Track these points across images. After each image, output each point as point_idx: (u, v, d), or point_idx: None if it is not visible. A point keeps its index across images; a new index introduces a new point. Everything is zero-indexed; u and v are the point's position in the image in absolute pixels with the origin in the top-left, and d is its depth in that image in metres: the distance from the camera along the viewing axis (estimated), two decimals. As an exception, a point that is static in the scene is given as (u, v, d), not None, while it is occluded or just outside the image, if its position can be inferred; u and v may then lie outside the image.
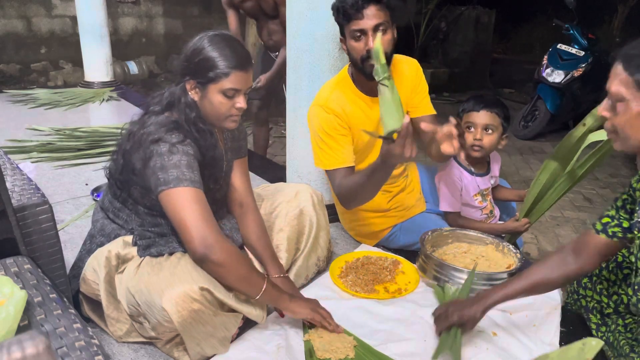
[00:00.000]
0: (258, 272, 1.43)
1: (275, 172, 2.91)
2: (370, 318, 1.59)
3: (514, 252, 1.78)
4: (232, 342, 1.44)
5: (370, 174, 1.58)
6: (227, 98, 1.38)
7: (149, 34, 6.65)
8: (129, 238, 1.47)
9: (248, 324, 1.49)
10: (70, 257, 1.64)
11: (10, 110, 4.31)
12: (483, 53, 7.28)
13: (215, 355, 1.39)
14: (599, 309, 1.47)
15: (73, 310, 1.04)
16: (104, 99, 4.78)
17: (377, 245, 2.08)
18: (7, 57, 5.55)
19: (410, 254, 1.97)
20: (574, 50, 4.69)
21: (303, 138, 1.96)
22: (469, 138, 1.85)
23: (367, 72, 1.73)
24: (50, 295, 1.06)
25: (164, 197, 1.30)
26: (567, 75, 4.58)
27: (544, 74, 4.67)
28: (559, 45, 4.80)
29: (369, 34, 1.67)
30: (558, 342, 1.47)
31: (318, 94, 1.87)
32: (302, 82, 2.16)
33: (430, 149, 1.81)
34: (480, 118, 1.84)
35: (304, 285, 1.78)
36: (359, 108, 1.84)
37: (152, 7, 6.59)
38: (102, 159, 3.09)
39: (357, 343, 1.46)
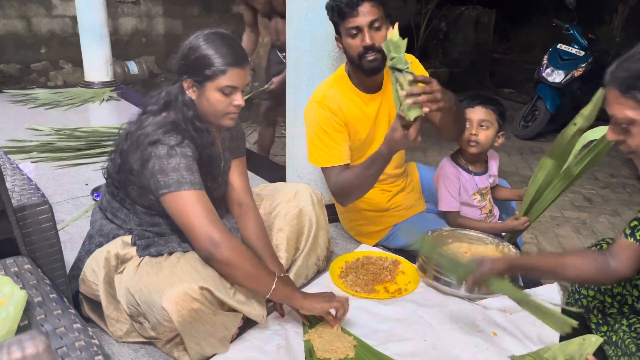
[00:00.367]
0: (267, 269, 1.44)
1: (275, 172, 2.91)
2: (370, 318, 1.59)
3: (514, 252, 1.78)
4: (232, 342, 1.44)
5: (370, 165, 1.60)
6: (224, 95, 1.39)
7: (149, 34, 6.65)
8: (128, 238, 1.47)
9: (248, 324, 1.49)
10: (70, 257, 1.64)
11: (10, 110, 4.31)
12: (483, 53, 7.28)
13: (215, 355, 1.39)
14: (601, 309, 1.47)
15: (73, 310, 1.04)
16: (104, 99, 4.78)
17: (377, 245, 2.08)
18: (7, 57, 5.55)
19: (410, 254, 1.97)
20: (574, 50, 4.70)
21: (303, 138, 1.96)
22: (465, 134, 1.86)
23: (364, 68, 1.74)
24: (50, 295, 1.06)
25: (167, 200, 1.32)
26: (567, 75, 4.58)
27: (544, 74, 4.67)
28: (559, 45, 4.80)
29: (365, 31, 1.68)
30: (558, 342, 1.46)
31: (315, 92, 1.88)
32: (302, 82, 2.16)
33: (441, 131, 1.83)
34: (475, 114, 1.85)
35: (304, 285, 1.78)
36: (356, 105, 1.85)
37: (152, 7, 6.59)
38: (102, 159, 3.08)
39: (357, 343, 1.46)
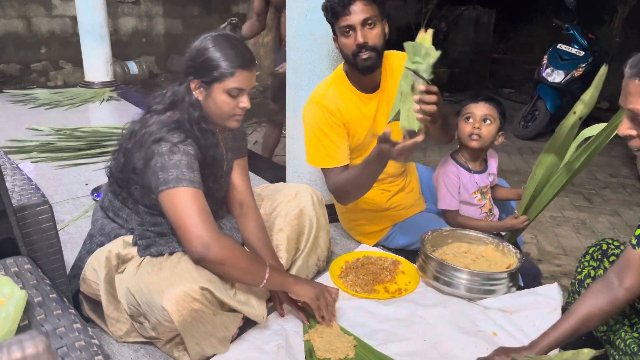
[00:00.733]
0: (259, 261, 1.45)
1: (275, 172, 2.91)
2: (370, 318, 1.59)
3: (514, 251, 1.78)
4: (232, 342, 1.44)
5: (365, 166, 1.62)
6: (231, 97, 1.40)
7: (149, 34, 6.65)
8: (129, 238, 1.47)
9: (248, 324, 1.49)
10: (70, 257, 1.64)
11: (10, 110, 4.31)
12: (483, 53, 7.28)
13: (215, 355, 1.39)
14: None
15: (73, 310, 1.04)
16: (104, 99, 4.78)
17: (376, 245, 2.08)
18: (7, 57, 5.55)
19: (410, 254, 1.97)
20: (574, 50, 4.70)
21: (303, 138, 1.96)
22: (468, 128, 1.87)
23: (359, 67, 1.74)
24: (50, 295, 1.06)
25: (164, 197, 1.31)
26: (567, 75, 4.58)
27: (544, 74, 4.67)
28: (559, 45, 4.80)
29: (358, 29, 1.68)
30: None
31: (313, 92, 1.88)
32: (302, 82, 2.16)
33: (433, 134, 1.82)
34: (479, 109, 1.87)
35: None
36: (354, 105, 1.85)
37: (152, 7, 6.59)
38: (102, 159, 3.09)
39: (357, 343, 1.46)
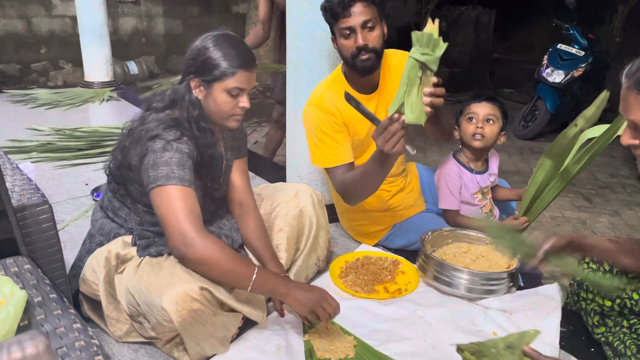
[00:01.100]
0: (245, 264, 1.34)
1: (275, 172, 2.91)
2: (370, 318, 1.59)
3: (514, 252, 1.77)
4: (232, 342, 1.43)
5: (369, 165, 1.59)
6: (231, 97, 1.40)
7: (149, 34, 6.65)
8: (129, 238, 1.47)
9: (248, 324, 1.49)
10: (70, 257, 1.64)
11: (10, 110, 4.31)
12: (483, 53, 7.28)
13: (215, 355, 1.39)
14: (599, 311, 1.47)
15: (73, 310, 1.04)
16: (104, 99, 4.79)
17: (376, 245, 2.08)
18: (7, 57, 5.55)
19: (410, 254, 1.97)
20: (574, 50, 4.69)
21: (303, 138, 1.96)
22: (471, 128, 1.87)
23: (358, 68, 1.74)
24: (50, 295, 1.06)
25: (153, 194, 1.30)
26: (567, 75, 4.58)
27: (544, 74, 4.67)
28: (559, 45, 4.80)
29: (358, 31, 1.68)
30: (558, 342, 1.47)
31: (312, 93, 1.88)
32: (302, 82, 2.16)
33: (432, 132, 1.80)
34: (482, 108, 1.87)
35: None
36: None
37: (152, 7, 6.59)
38: (102, 159, 3.09)
39: (357, 343, 1.46)
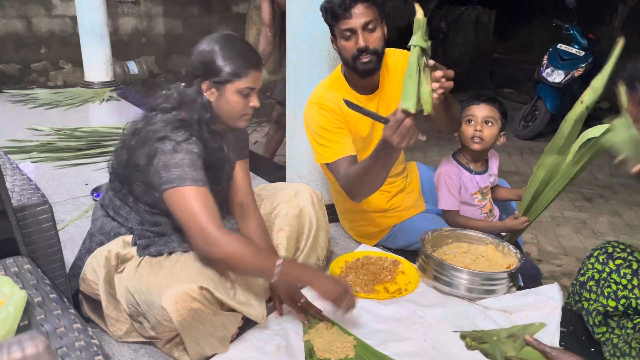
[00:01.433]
0: (268, 257, 1.38)
1: (275, 172, 2.91)
2: (370, 318, 1.59)
3: (514, 252, 1.78)
4: (231, 342, 1.43)
5: (373, 159, 1.53)
6: (243, 97, 1.43)
7: (149, 34, 6.65)
8: (129, 238, 1.47)
9: (248, 324, 1.49)
10: (70, 257, 1.64)
11: (10, 110, 4.31)
12: (483, 53, 7.28)
13: (215, 355, 1.39)
14: (603, 312, 1.47)
15: (73, 310, 1.04)
16: (104, 99, 4.78)
17: (377, 245, 2.08)
18: (7, 57, 5.55)
19: (410, 254, 1.97)
20: (574, 50, 4.70)
21: (303, 138, 1.96)
22: (470, 130, 1.87)
23: (359, 70, 1.73)
24: (50, 295, 1.06)
25: (168, 196, 1.31)
26: (567, 75, 4.58)
27: (544, 74, 4.67)
28: (559, 45, 4.80)
29: (359, 33, 1.67)
30: (558, 342, 1.47)
31: (312, 93, 1.87)
32: (302, 82, 2.16)
33: (436, 123, 1.76)
34: (480, 110, 1.86)
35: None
36: None
37: (152, 7, 6.59)
38: (102, 159, 3.09)
39: (357, 343, 1.46)
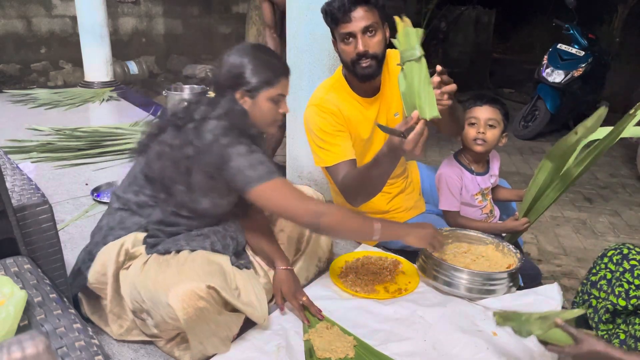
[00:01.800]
0: (366, 219, 1.54)
1: (275, 172, 2.91)
2: (370, 318, 1.59)
3: (514, 252, 1.78)
4: (232, 341, 1.44)
5: (375, 164, 1.55)
6: (274, 104, 1.51)
7: (149, 34, 6.65)
8: (141, 235, 1.47)
9: (248, 324, 1.49)
10: (70, 257, 1.64)
11: (10, 110, 4.31)
12: (483, 53, 7.28)
13: (216, 355, 1.39)
14: (611, 310, 1.47)
15: (73, 310, 1.04)
16: (104, 99, 4.78)
17: (377, 246, 2.07)
18: (7, 57, 5.55)
19: (410, 254, 1.97)
20: (574, 50, 4.69)
21: (303, 138, 1.96)
22: (472, 132, 1.86)
23: (359, 74, 1.72)
24: (50, 295, 1.06)
25: (259, 190, 1.39)
26: (567, 75, 4.58)
27: (544, 74, 4.67)
28: (559, 45, 4.80)
29: (358, 37, 1.65)
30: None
31: (313, 95, 1.86)
32: (302, 82, 2.16)
33: (443, 127, 1.76)
34: (483, 112, 1.86)
35: (304, 286, 1.77)
36: (355, 108, 1.84)
37: (152, 7, 6.59)
38: (102, 159, 3.10)
39: (357, 343, 1.46)
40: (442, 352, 1.44)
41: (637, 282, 1.43)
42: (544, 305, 1.60)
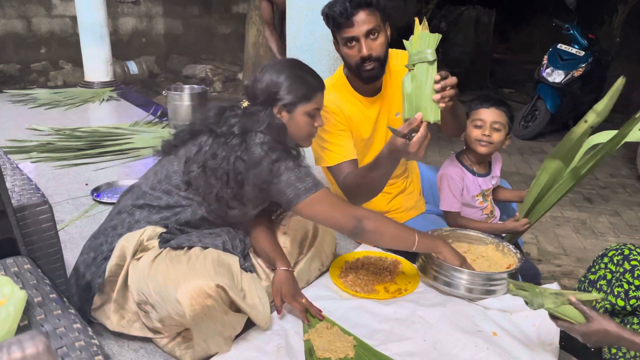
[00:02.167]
0: (405, 226, 1.60)
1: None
2: (370, 318, 1.58)
3: (514, 252, 1.78)
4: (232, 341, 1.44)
5: (377, 165, 1.57)
6: (310, 118, 1.55)
7: (149, 34, 6.66)
8: (159, 229, 1.47)
9: (248, 324, 1.49)
10: (70, 257, 1.64)
11: (10, 110, 4.31)
12: (483, 53, 7.28)
13: (216, 355, 1.39)
14: (610, 309, 1.47)
15: (73, 310, 1.04)
16: (104, 99, 4.79)
17: (377, 246, 2.07)
18: (7, 57, 5.55)
19: (410, 254, 1.97)
20: (574, 50, 4.70)
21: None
22: (478, 133, 1.86)
23: (363, 77, 1.72)
24: (50, 295, 1.06)
25: (309, 202, 1.44)
26: (567, 75, 4.58)
27: (544, 74, 4.67)
28: (559, 45, 4.80)
29: (362, 41, 1.65)
30: (558, 342, 1.47)
31: None
32: (302, 82, 2.16)
33: (442, 127, 1.75)
34: (490, 115, 1.85)
35: (303, 288, 1.77)
36: (356, 108, 1.84)
37: (152, 7, 6.60)
38: (102, 159, 3.10)
39: (357, 343, 1.46)
40: (442, 352, 1.44)
41: (637, 282, 1.43)
42: (544, 305, 1.60)
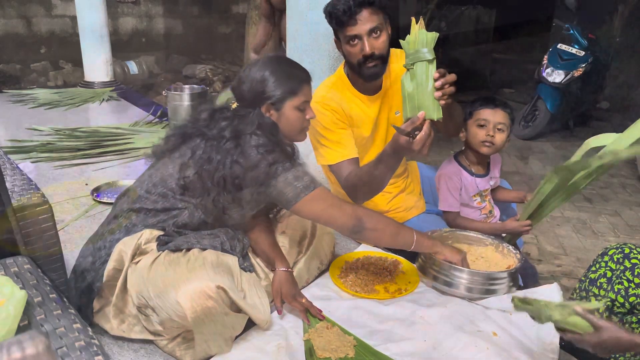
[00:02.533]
0: (404, 226, 1.61)
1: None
2: (370, 318, 1.59)
3: (514, 252, 1.78)
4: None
5: (379, 163, 1.57)
6: (300, 112, 1.52)
7: (149, 34, 6.66)
8: (157, 232, 1.47)
9: (248, 324, 1.49)
10: (70, 257, 1.63)
11: (10, 110, 4.31)
12: (483, 53, 7.28)
13: (216, 355, 1.39)
14: (610, 307, 1.47)
15: (73, 310, 1.04)
16: (104, 99, 4.79)
17: (376, 245, 2.07)
18: (7, 57, 5.55)
19: (410, 254, 1.97)
20: (574, 50, 4.70)
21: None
22: (481, 134, 1.86)
23: (365, 75, 1.72)
24: (50, 295, 1.06)
25: (308, 200, 1.43)
26: (567, 75, 4.58)
27: (544, 74, 4.67)
28: (559, 45, 4.80)
29: (364, 39, 1.65)
30: (558, 342, 1.47)
31: (315, 94, 1.85)
32: (302, 82, 2.16)
33: (438, 127, 1.77)
34: (494, 116, 1.85)
35: (303, 288, 1.77)
36: (357, 106, 1.84)
37: (152, 7, 6.59)
38: (102, 159, 3.10)
39: (357, 343, 1.46)
40: (442, 352, 1.44)
41: (637, 280, 1.43)
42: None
